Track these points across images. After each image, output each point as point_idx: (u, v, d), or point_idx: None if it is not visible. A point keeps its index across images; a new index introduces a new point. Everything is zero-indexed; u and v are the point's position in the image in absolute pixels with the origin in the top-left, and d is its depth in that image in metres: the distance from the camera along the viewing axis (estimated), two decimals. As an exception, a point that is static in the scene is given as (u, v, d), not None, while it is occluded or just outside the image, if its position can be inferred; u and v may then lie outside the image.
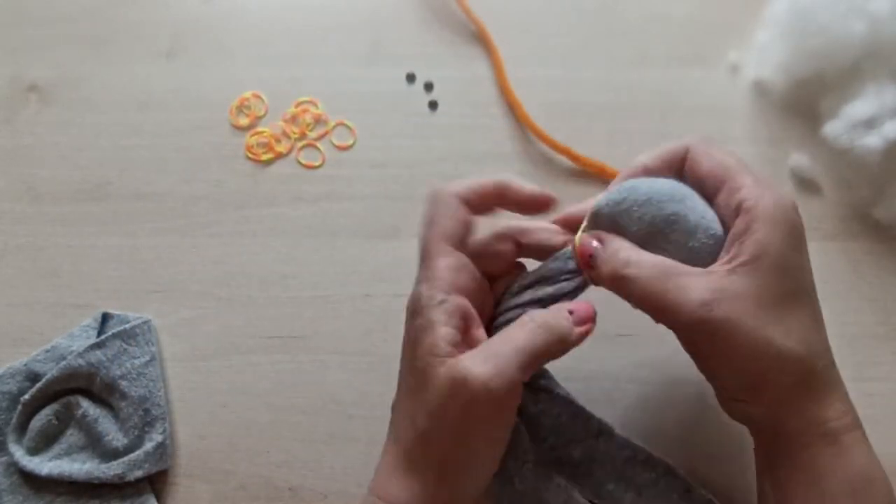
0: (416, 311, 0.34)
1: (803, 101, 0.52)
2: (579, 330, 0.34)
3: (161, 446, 0.42)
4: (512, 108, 0.53)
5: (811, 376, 0.32)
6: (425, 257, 0.35)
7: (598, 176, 0.51)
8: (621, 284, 0.33)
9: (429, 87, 0.55)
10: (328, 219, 0.50)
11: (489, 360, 0.31)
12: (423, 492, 0.32)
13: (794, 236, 0.33)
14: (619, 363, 0.45)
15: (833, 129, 0.49)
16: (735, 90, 0.54)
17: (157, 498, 0.42)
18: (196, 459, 0.43)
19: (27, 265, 0.49)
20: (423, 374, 0.32)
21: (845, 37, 0.49)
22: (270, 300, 0.47)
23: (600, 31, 0.57)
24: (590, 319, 0.34)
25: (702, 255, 0.34)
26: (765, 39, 0.54)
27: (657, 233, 0.34)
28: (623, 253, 0.34)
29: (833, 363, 0.34)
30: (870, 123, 0.47)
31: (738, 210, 0.33)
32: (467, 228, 0.36)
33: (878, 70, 0.49)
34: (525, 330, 0.33)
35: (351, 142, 0.53)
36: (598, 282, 0.35)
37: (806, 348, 0.32)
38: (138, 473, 0.41)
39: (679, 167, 0.36)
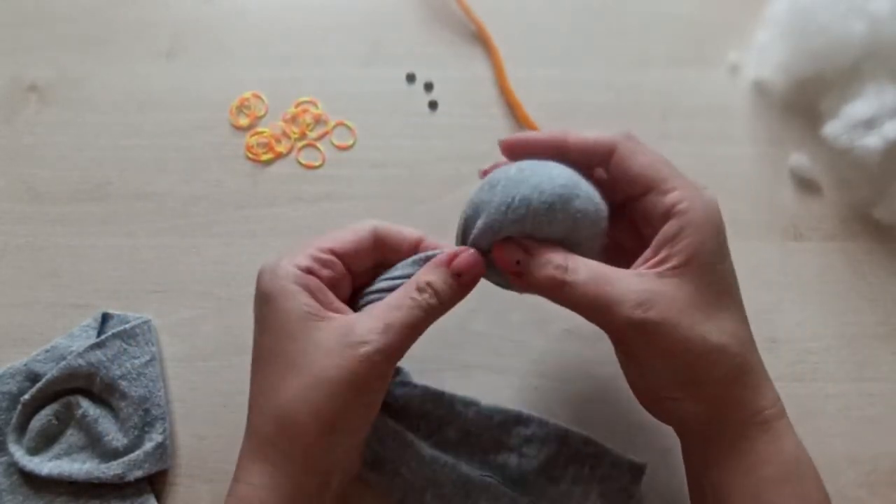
0: (268, 280, 0.34)
1: (803, 101, 0.52)
2: (460, 282, 0.34)
3: (161, 446, 0.42)
4: (512, 108, 0.53)
5: (746, 368, 0.33)
6: (300, 246, 0.35)
7: (598, 176, 0.51)
8: (557, 291, 0.33)
9: (429, 87, 0.55)
10: (328, 219, 0.50)
11: (384, 327, 0.32)
12: (297, 466, 0.33)
13: (721, 240, 0.34)
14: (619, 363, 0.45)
15: (833, 129, 0.49)
16: (735, 90, 0.54)
17: (157, 498, 0.42)
18: (196, 459, 0.43)
19: (27, 265, 0.49)
20: (294, 340, 0.32)
21: (845, 37, 0.49)
22: (270, 300, 0.47)
23: (600, 31, 0.57)
24: (471, 266, 0.34)
25: (599, 236, 0.35)
26: (765, 39, 0.54)
27: (568, 235, 0.34)
28: (557, 259, 0.33)
29: (759, 355, 0.35)
30: (870, 123, 0.47)
31: (668, 213, 0.34)
32: (359, 251, 0.36)
33: (878, 70, 0.49)
34: (408, 302, 0.33)
35: (351, 142, 0.53)
36: (525, 288, 0.35)
37: (738, 342, 0.33)
38: (138, 473, 0.41)
39: (602, 160, 0.36)
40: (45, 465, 0.41)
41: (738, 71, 0.55)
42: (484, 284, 0.38)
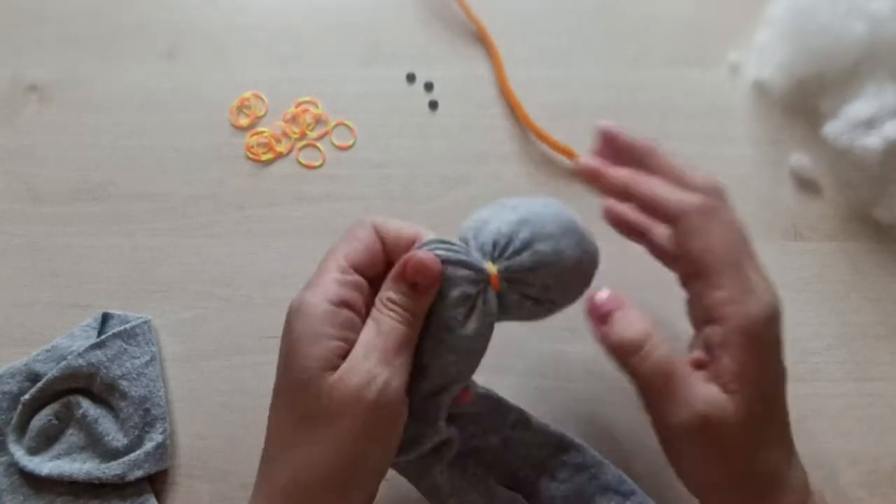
0: (297, 317, 0.32)
1: (803, 101, 0.52)
2: (418, 290, 0.32)
3: (161, 446, 0.42)
4: (512, 108, 0.53)
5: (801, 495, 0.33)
6: (322, 266, 0.33)
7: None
8: (629, 353, 0.33)
9: (429, 87, 0.55)
10: (328, 219, 0.50)
11: (380, 359, 0.31)
12: None
13: (770, 359, 0.33)
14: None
15: (833, 129, 0.49)
16: (735, 90, 0.54)
17: (157, 498, 0.42)
18: (196, 459, 0.43)
19: (27, 265, 0.49)
20: (310, 388, 0.31)
21: (845, 37, 0.49)
22: (270, 300, 0.47)
23: (600, 31, 0.57)
24: (421, 271, 0.32)
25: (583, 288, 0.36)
26: (765, 39, 0.54)
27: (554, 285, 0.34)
28: (639, 325, 0.33)
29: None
30: (870, 123, 0.47)
31: (710, 314, 0.32)
32: (374, 258, 0.34)
33: (878, 70, 0.49)
34: (385, 326, 0.32)
35: (351, 142, 0.53)
36: (600, 338, 0.34)
37: (797, 479, 0.33)
38: (138, 473, 0.41)
39: (665, 220, 0.34)
40: (45, 465, 0.41)
41: (738, 71, 0.55)
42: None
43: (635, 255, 0.49)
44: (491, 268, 0.33)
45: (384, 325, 0.32)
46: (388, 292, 0.32)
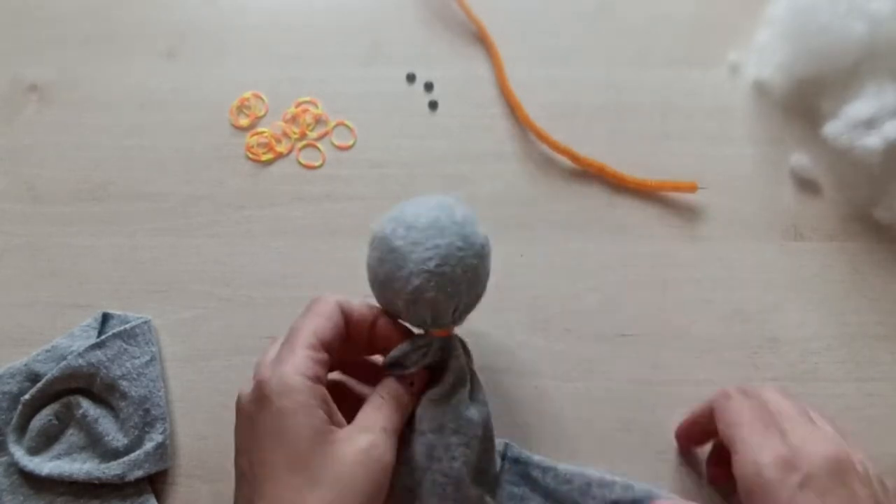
0: (281, 393, 0.33)
1: (803, 101, 0.52)
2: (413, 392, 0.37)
3: (161, 446, 0.42)
4: (512, 108, 0.53)
5: None
6: (290, 342, 0.35)
7: (598, 176, 0.51)
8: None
9: (429, 87, 0.55)
10: (328, 219, 0.50)
11: (382, 432, 0.34)
12: None
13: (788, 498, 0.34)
14: (619, 363, 0.45)
15: (833, 129, 0.49)
16: (735, 90, 0.54)
17: (157, 498, 0.42)
18: (196, 459, 0.43)
19: (27, 265, 0.49)
20: (315, 455, 0.32)
21: (845, 37, 0.49)
22: (270, 300, 0.47)
23: (600, 31, 0.57)
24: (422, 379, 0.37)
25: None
26: (765, 39, 0.54)
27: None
28: None
29: None
30: (870, 123, 0.47)
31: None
32: (339, 336, 0.36)
33: (877, 70, 0.49)
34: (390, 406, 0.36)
35: (351, 142, 0.53)
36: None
37: None
38: (138, 473, 0.41)
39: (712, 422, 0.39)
40: (45, 465, 0.41)
41: (737, 71, 0.55)
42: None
43: (635, 254, 0.49)
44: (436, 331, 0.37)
45: (378, 401, 0.36)
46: (384, 390, 0.36)
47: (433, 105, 0.54)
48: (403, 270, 0.35)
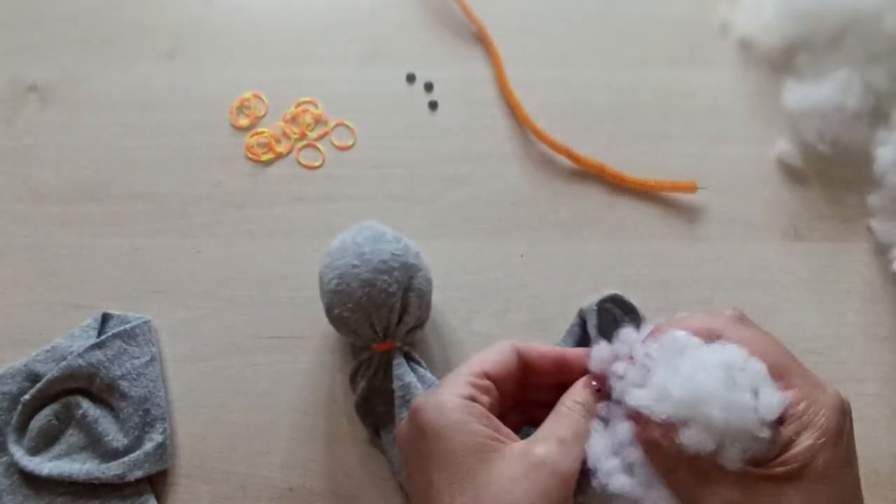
0: (436, 414, 0.32)
1: (790, 63, 0.53)
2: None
3: (161, 446, 0.42)
4: (512, 108, 0.53)
5: None
6: (453, 375, 0.34)
7: (597, 176, 0.51)
8: (665, 438, 0.31)
9: (429, 87, 0.55)
10: (328, 219, 0.50)
11: (559, 441, 0.32)
12: None
13: (846, 446, 0.30)
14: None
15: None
16: (735, 90, 0.54)
17: (157, 498, 0.42)
18: (196, 459, 0.43)
19: (27, 265, 0.49)
20: (478, 473, 0.31)
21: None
22: (270, 300, 0.47)
23: (600, 31, 0.57)
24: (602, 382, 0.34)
25: None
26: (765, 39, 0.54)
27: None
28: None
29: None
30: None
31: (783, 415, 0.30)
32: (508, 374, 0.35)
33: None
34: (565, 413, 0.34)
35: (351, 142, 0.53)
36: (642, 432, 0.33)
37: None
38: (138, 473, 0.41)
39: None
40: (45, 465, 0.41)
41: (737, 68, 0.55)
42: (485, 277, 0.37)
43: (635, 254, 0.49)
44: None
45: (563, 415, 0.33)
46: (574, 396, 0.34)
47: (433, 105, 0.54)
48: (321, 294, 0.41)
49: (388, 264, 0.39)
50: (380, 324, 0.40)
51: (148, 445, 0.42)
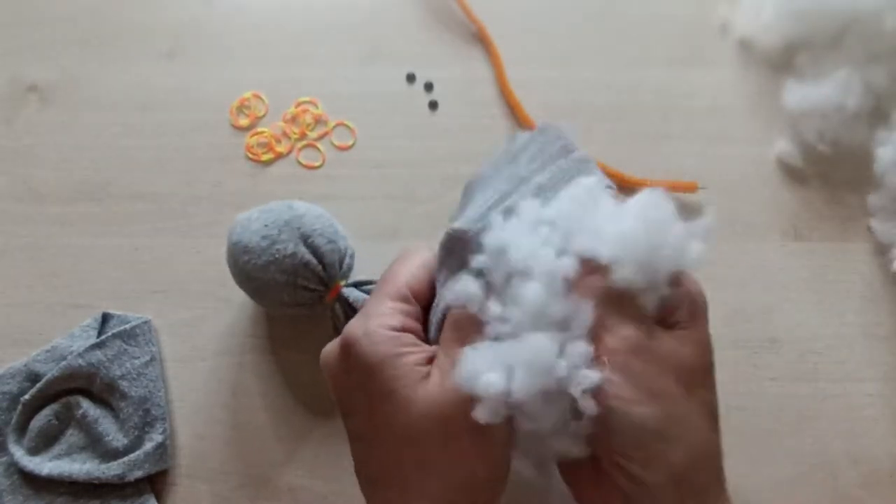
0: (372, 343, 0.32)
1: (790, 63, 0.53)
2: None
3: (161, 446, 0.42)
4: (512, 108, 0.53)
5: None
6: (378, 297, 0.34)
7: (598, 176, 0.51)
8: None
9: (429, 87, 0.55)
10: (328, 219, 0.50)
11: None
12: None
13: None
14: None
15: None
16: (735, 89, 0.54)
17: (157, 498, 0.42)
18: (196, 459, 0.43)
19: (27, 265, 0.49)
20: (415, 396, 0.31)
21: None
22: (270, 300, 0.47)
23: (600, 31, 0.57)
24: None
25: None
26: (765, 39, 0.54)
27: None
28: None
29: None
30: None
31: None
32: (430, 282, 0.36)
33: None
34: None
35: (351, 142, 0.53)
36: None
37: None
38: (138, 473, 0.41)
39: None
40: (45, 465, 0.41)
41: (738, 68, 0.55)
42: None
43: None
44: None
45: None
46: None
47: (433, 105, 0.54)
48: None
49: (268, 239, 0.41)
50: (308, 282, 0.41)
51: (148, 445, 0.42)
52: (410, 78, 0.55)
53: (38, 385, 0.43)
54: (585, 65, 0.56)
